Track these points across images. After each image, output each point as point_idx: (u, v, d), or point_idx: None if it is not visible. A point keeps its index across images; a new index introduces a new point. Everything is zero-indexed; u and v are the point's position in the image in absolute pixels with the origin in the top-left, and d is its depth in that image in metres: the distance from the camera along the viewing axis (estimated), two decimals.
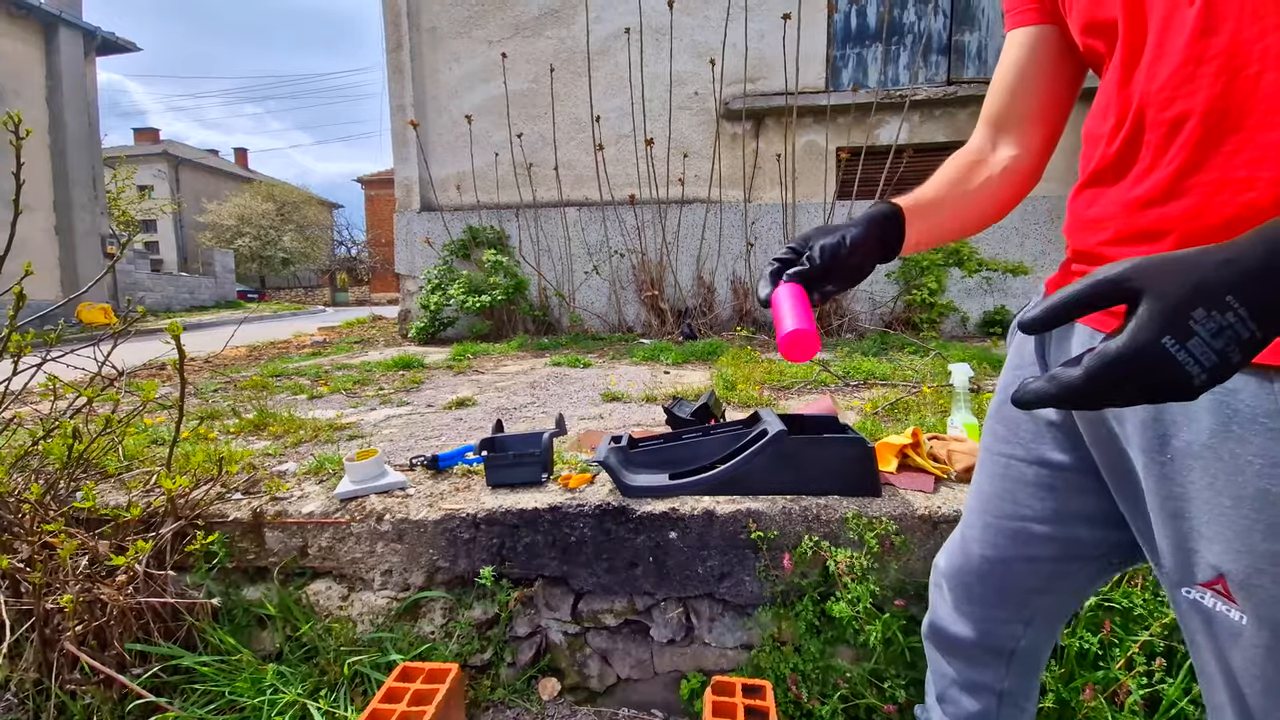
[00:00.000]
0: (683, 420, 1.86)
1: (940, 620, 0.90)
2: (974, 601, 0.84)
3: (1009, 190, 0.75)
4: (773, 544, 1.38)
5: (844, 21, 5.52)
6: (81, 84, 11.62)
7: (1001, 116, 0.76)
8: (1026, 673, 0.87)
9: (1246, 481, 0.47)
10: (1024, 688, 0.88)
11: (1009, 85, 0.74)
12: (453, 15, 5.79)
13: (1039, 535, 0.74)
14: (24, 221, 1.37)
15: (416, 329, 5.52)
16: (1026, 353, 0.72)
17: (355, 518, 1.51)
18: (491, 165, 5.85)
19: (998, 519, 0.78)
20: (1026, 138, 0.74)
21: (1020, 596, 0.81)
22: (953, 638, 0.87)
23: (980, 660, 0.86)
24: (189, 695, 1.35)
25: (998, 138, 0.76)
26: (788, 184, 5.42)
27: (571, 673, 1.49)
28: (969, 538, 0.84)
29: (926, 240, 0.74)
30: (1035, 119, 0.74)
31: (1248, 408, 0.47)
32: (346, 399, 2.99)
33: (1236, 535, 0.48)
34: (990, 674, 0.87)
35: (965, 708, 0.89)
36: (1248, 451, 0.47)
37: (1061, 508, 0.72)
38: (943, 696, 0.92)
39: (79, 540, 1.38)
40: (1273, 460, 0.46)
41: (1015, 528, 0.76)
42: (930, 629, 0.93)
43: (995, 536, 0.79)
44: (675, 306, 5.50)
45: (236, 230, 25.67)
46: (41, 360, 1.49)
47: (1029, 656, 0.86)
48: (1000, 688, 0.86)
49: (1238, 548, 0.48)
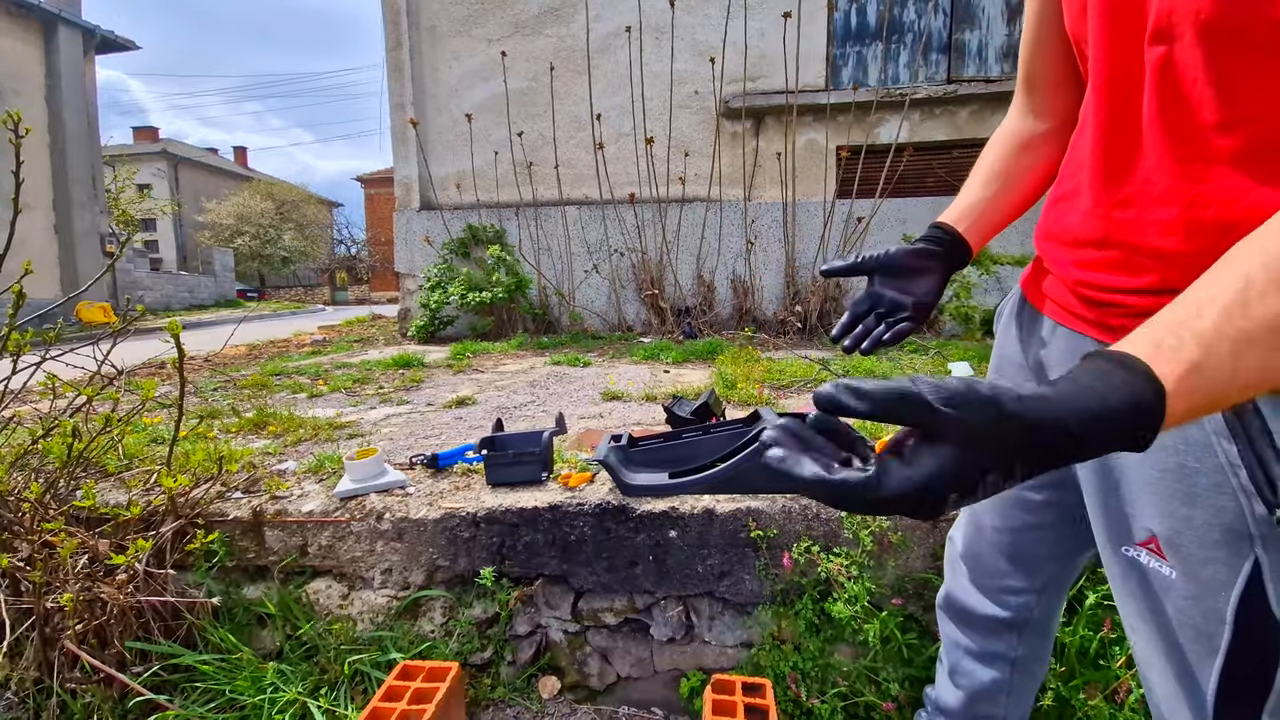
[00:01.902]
0: (683, 419, 1.86)
1: (955, 592, 0.93)
2: (988, 573, 0.87)
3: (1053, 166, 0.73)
4: (772, 543, 1.38)
5: (844, 20, 5.52)
6: (81, 82, 11.60)
7: (1030, 78, 0.75)
8: (1039, 640, 0.90)
9: (1167, 457, 0.54)
10: (1037, 654, 0.91)
11: (1032, 52, 0.74)
12: (452, 14, 5.79)
13: (1038, 502, 0.79)
14: (23, 220, 1.37)
15: (416, 327, 5.52)
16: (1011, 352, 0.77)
17: (355, 516, 1.51)
18: (491, 164, 5.84)
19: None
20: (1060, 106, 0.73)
21: (1031, 564, 0.84)
22: (968, 609, 0.90)
23: (994, 630, 0.89)
24: (189, 693, 1.35)
25: (1032, 106, 0.76)
26: (788, 182, 5.42)
27: (571, 671, 1.50)
28: (979, 510, 0.87)
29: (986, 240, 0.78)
30: (1063, 85, 0.72)
31: None
32: (346, 398, 2.99)
33: (1162, 501, 0.55)
34: (1004, 643, 0.89)
35: (979, 679, 0.91)
36: (1167, 434, 0.49)
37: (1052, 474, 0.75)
38: (955, 669, 0.94)
39: (79, 539, 1.38)
40: (1187, 439, 0.52)
41: (1017, 495, 0.80)
42: (945, 601, 0.95)
43: (1002, 507, 0.83)
44: (675, 305, 5.50)
45: (236, 229, 25.64)
46: (41, 359, 1.48)
47: (1042, 624, 0.89)
48: (1014, 655, 0.89)
49: (1164, 511, 0.55)
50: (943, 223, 0.76)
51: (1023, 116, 0.77)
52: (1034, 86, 0.75)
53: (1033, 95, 0.76)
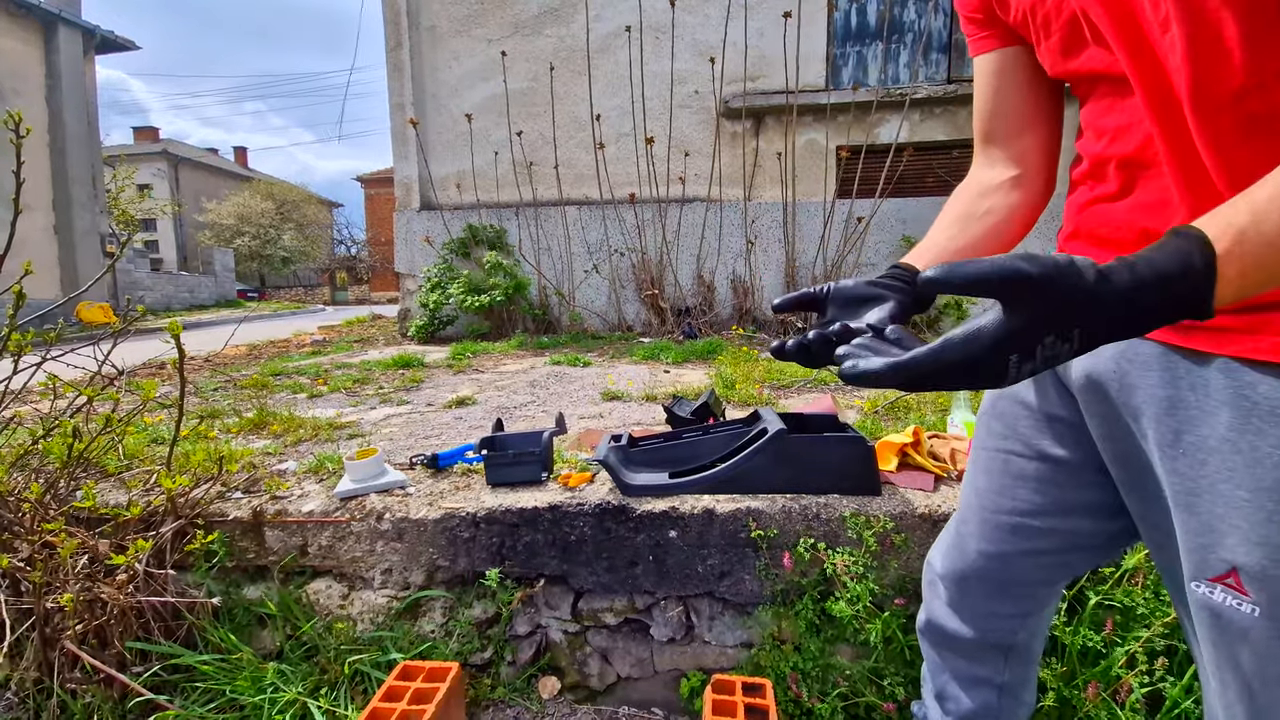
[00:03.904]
0: (682, 419, 1.86)
1: (936, 617, 0.90)
2: (972, 597, 0.84)
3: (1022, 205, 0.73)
4: (773, 543, 1.38)
5: (844, 19, 5.52)
6: (81, 82, 11.59)
7: (989, 136, 0.75)
8: (1024, 664, 0.88)
9: (1265, 473, 0.47)
10: (1022, 678, 0.89)
11: (988, 109, 0.74)
12: (452, 13, 5.78)
13: (1040, 529, 0.75)
14: (23, 220, 1.37)
15: (416, 328, 5.52)
16: None
17: (355, 516, 1.51)
18: (491, 164, 5.84)
19: (996, 514, 0.78)
20: (1021, 154, 0.73)
21: (1020, 590, 0.81)
22: (950, 634, 0.88)
23: (979, 656, 0.87)
24: (189, 694, 1.35)
25: (994, 157, 0.75)
26: (788, 182, 5.42)
27: (571, 671, 1.50)
28: (965, 534, 0.83)
29: None
30: (1023, 133, 0.72)
31: (1267, 400, 0.48)
32: (346, 398, 2.99)
33: (1253, 527, 0.48)
34: (989, 668, 0.87)
35: (965, 704, 0.89)
36: (1266, 443, 0.47)
37: (1064, 501, 0.73)
38: (942, 694, 0.92)
39: (79, 539, 1.38)
40: None
41: (1015, 523, 0.76)
42: (926, 626, 0.93)
43: (994, 532, 0.79)
44: (675, 305, 5.50)
45: (236, 229, 25.65)
46: (41, 359, 1.48)
47: (1027, 648, 0.86)
48: (1000, 680, 0.87)
49: (1254, 539, 0.48)
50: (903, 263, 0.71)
51: (984, 168, 0.76)
52: (992, 140, 0.75)
53: (991, 149, 0.75)
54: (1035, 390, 0.73)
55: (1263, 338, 0.48)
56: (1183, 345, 0.53)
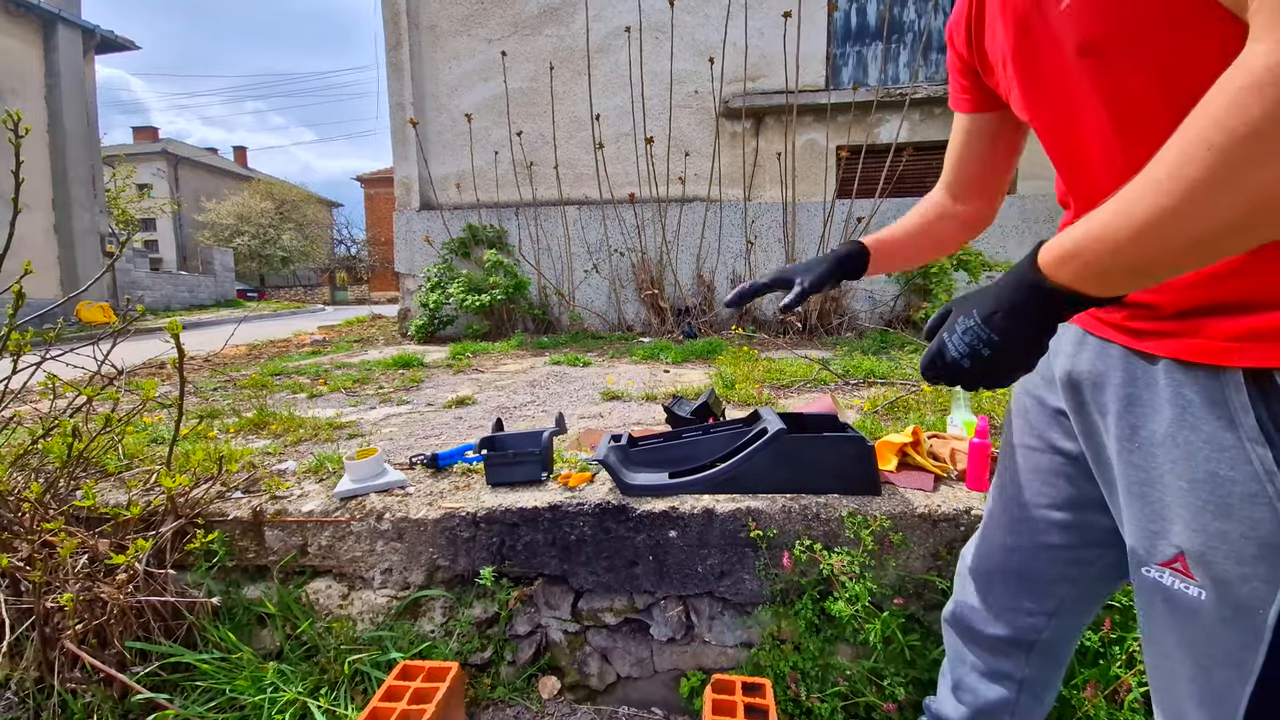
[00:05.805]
0: (682, 419, 1.86)
1: (963, 607, 0.92)
2: (996, 590, 0.86)
3: (966, 234, 0.91)
4: (772, 542, 1.38)
5: (844, 20, 5.52)
6: (80, 82, 11.58)
7: (954, 183, 0.89)
8: (1048, 664, 0.88)
9: (1197, 465, 0.52)
10: (1045, 678, 0.89)
11: (955, 158, 0.87)
12: (452, 13, 5.79)
13: (1056, 522, 0.77)
14: (23, 220, 1.37)
15: (416, 327, 5.52)
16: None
17: (355, 516, 1.51)
18: (491, 164, 5.85)
19: (1018, 506, 0.81)
20: (977, 198, 0.89)
21: (1042, 586, 0.82)
22: (975, 625, 0.89)
23: (1002, 650, 0.88)
24: (189, 693, 1.35)
25: (955, 193, 0.89)
26: (788, 182, 5.42)
27: (571, 671, 1.50)
28: (991, 527, 0.87)
29: (883, 270, 0.94)
30: (982, 184, 0.87)
31: (1199, 398, 0.53)
32: (346, 398, 2.99)
33: (1192, 515, 0.53)
34: (1010, 663, 0.88)
35: (983, 696, 0.90)
36: (1198, 438, 0.52)
37: (1077, 494, 0.75)
38: (959, 684, 0.93)
39: (79, 539, 1.38)
40: (1219, 445, 0.51)
41: (1034, 515, 0.79)
42: (952, 615, 0.94)
43: (1016, 524, 0.82)
44: (675, 305, 5.50)
45: (235, 229, 25.62)
46: (41, 359, 1.48)
47: (1051, 648, 0.87)
48: (1021, 675, 0.88)
49: (1194, 526, 0.53)
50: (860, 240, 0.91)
51: (946, 196, 0.90)
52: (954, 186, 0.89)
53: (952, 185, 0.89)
54: (1045, 386, 0.76)
55: (1193, 340, 0.53)
56: (1138, 348, 0.59)
